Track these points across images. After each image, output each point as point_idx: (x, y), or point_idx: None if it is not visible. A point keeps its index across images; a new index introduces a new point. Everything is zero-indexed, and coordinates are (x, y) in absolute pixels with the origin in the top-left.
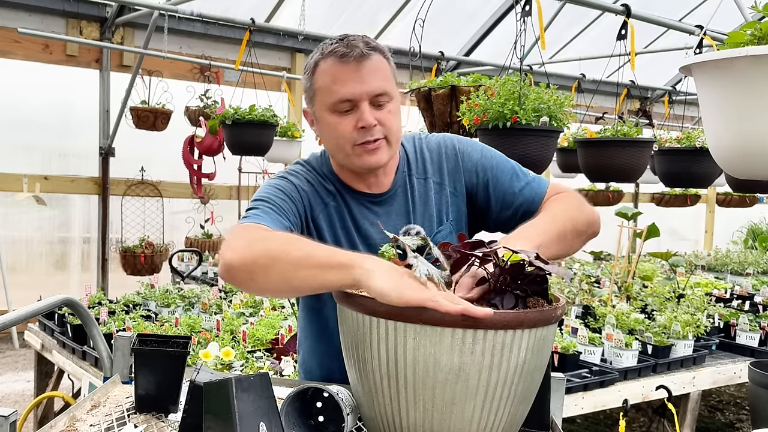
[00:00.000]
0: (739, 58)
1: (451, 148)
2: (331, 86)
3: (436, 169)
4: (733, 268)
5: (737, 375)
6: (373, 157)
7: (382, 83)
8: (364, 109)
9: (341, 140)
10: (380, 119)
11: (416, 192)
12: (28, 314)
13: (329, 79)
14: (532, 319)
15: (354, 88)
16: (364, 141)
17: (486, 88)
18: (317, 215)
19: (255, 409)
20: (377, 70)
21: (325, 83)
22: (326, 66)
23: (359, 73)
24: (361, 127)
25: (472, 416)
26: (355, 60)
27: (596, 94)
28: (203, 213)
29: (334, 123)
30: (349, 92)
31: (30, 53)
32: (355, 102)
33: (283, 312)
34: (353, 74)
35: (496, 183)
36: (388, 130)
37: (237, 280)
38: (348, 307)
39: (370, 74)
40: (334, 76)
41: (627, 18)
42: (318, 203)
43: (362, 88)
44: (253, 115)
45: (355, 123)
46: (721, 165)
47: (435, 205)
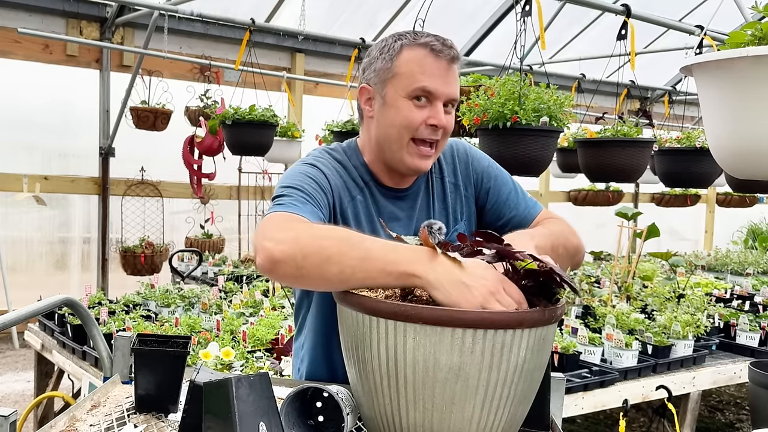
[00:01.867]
0: (739, 58)
1: (462, 152)
2: (418, 75)
3: (451, 170)
4: (733, 268)
5: (737, 375)
6: (423, 162)
7: (457, 91)
8: (439, 108)
9: (406, 128)
10: (445, 124)
11: (435, 190)
12: (28, 314)
13: (417, 68)
14: (532, 319)
15: (439, 85)
16: (424, 138)
17: (486, 88)
18: (345, 208)
19: (255, 409)
20: (457, 77)
21: (410, 70)
22: (415, 55)
23: (447, 73)
24: (431, 124)
25: (471, 416)
26: (447, 60)
27: (596, 94)
28: (203, 213)
29: (406, 109)
30: (434, 87)
31: (30, 53)
32: (433, 98)
33: (283, 312)
34: (442, 72)
35: (496, 193)
36: (444, 136)
37: (280, 275)
38: (347, 306)
39: (454, 79)
40: (423, 66)
41: (627, 18)
42: (346, 195)
43: (445, 88)
44: (253, 115)
45: (427, 117)
46: (722, 165)
47: (451, 204)
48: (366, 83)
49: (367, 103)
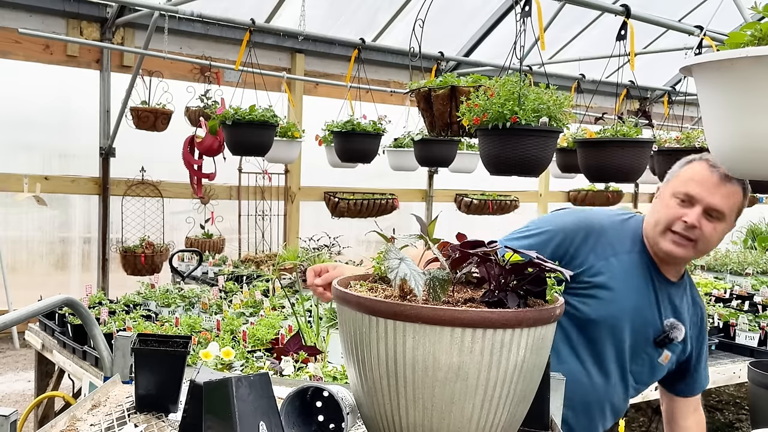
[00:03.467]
0: (739, 59)
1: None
2: (688, 181)
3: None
4: (733, 268)
5: (737, 375)
6: (677, 248)
7: (723, 204)
8: (696, 211)
9: (662, 218)
10: (703, 226)
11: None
12: (28, 314)
13: (690, 175)
14: (531, 318)
15: (701, 192)
16: (678, 231)
17: (486, 89)
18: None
19: (255, 409)
20: (728, 194)
21: (686, 177)
22: (698, 167)
23: (714, 185)
24: (683, 221)
25: (471, 415)
26: (719, 175)
27: (596, 95)
28: (203, 213)
29: (669, 204)
30: (695, 192)
31: (30, 53)
32: (694, 202)
33: (283, 312)
34: (708, 183)
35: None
36: (702, 238)
37: None
38: (347, 306)
39: (720, 192)
40: (695, 174)
41: (627, 18)
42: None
43: (706, 196)
44: (253, 115)
45: (683, 215)
46: (722, 165)
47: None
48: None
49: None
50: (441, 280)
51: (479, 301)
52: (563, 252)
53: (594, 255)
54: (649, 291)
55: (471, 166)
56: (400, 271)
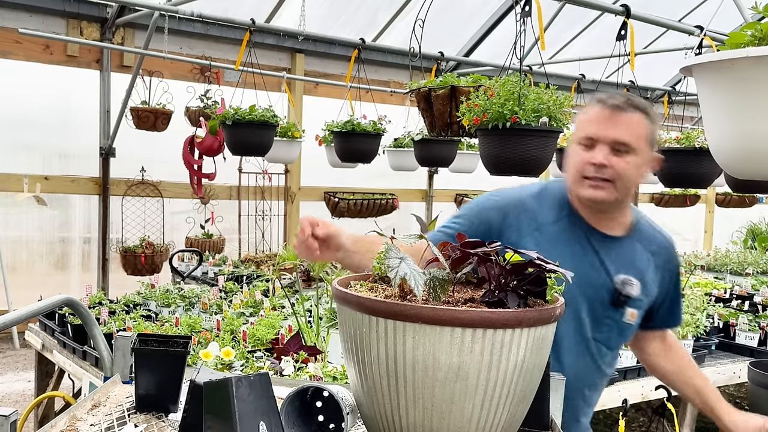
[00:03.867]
0: (739, 59)
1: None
2: (584, 124)
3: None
4: (733, 268)
5: (737, 375)
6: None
7: (626, 135)
8: (600, 150)
9: (573, 169)
10: (612, 163)
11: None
12: (28, 314)
13: (585, 118)
14: (531, 318)
15: (599, 130)
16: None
17: (486, 89)
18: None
19: (255, 409)
20: (627, 123)
21: (582, 121)
22: (590, 108)
23: (610, 120)
24: (591, 163)
25: (471, 415)
26: (610, 108)
27: None
28: (203, 213)
29: (574, 153)
30: (593, 131)
31: (31, 53)
32: (595, 141)
33: (283, 312)
34: (604, 119)
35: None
36: (615, 174)
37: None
38: (347, 306)
39: (619, 124)
40: (589, 116)
41: (627, 18)
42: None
43: (605, 132)
44: (253, 115)
45: (589, 158)
46: (722, 165)
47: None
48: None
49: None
50: (441, 280)
51: (479, 301)
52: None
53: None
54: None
55: (471, 166)
56: (400, 271)
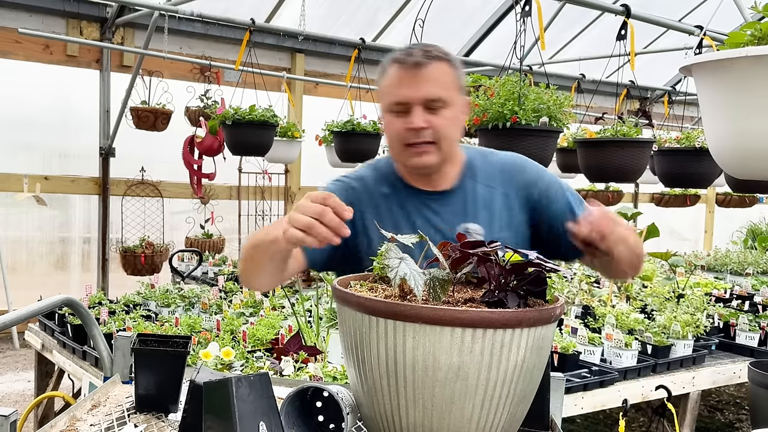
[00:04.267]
0: (739, 58)
1: (519, 164)
2: (390, 89)
3: (505, 181)
4: (733, 268)
5: (737, 375)
6: (421, 158)
7: (436, 90)
8: (414, 113)
9: (394, 139)
10: (431, 122)
11: (479, 197)
12: (28, 314)
13: (389, 83)
14: (531, 318)
15: (407, 92)
16: (412, 143)
17: (486, 89)
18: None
19: (255, 409)
20: (434, 77)
21: (385, 86)
22: (390, 70)
23: (415, 78)
24: (410, 129)
25: (471, 415)
26: (412, 66)
27: (596, 95)
28: (203, 213)
29: (389, 123)
30: (402, 95)
31: (30, 53)
32: (407, 105)
33: (283, 312)
34: (409, 79)
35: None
36: (437, 134)
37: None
38: (347, 306)
39: (426, 80)
40: (392, 79)
41: (627, 18)
42: (368, 201)
43: (414, 93)
44: (253, 115)
45: (406, 124)
46: (721, 165)
47: (498, 213)
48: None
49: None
50: (441, 280)
51: (479, 301)
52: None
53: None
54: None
55: None
56: (400, 271)
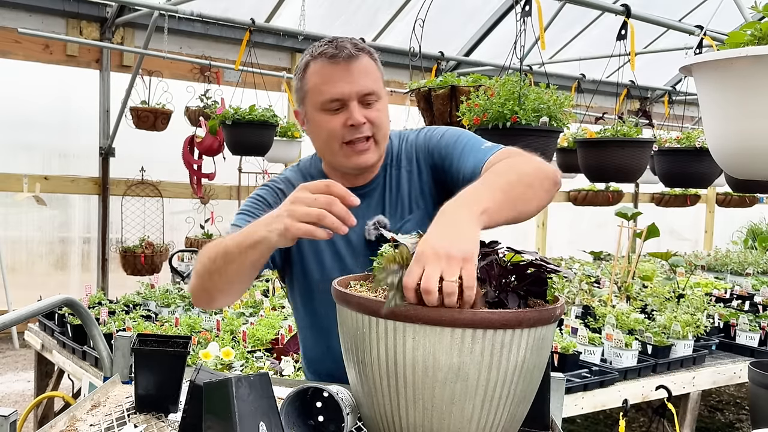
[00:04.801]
0: (739, 58)
1: (420, 135)
2: (321, 86)
3: (407, 159)
4: (733, 268)
5: (737, 375)
6: (362, 157)
7: (370, 83)
8: (353, 108)
9: (330, 138)
10: (369, 117)
11: (393, 182)
12: (28, 314)
13: (319, 80)
14: (531, 319)
15: (344, 88)
16: (353, 139)
17: (486, 88)
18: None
19: (255, 409)
20: (366, 70)
21: (315, 84)
22: (317, 67)
23: (348, 73)
24: (351, 125)
25: (471, 416)
26: (345, 60)
27: (596, 94)
28: (203, 213)
29: (324, 121)
30: (339, 91)
31: (30, 53)
32: (344, 101)
33: (283, 312)
34: (343, 74)
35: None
36: (376, 128)
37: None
38: (347, 306)
39: (360, 74)
40: (324, 76)
41: (627, 18)
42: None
43: (351, 87)
44: (253, 115)
45: (345, 121)
46: (721, 165)
47: (407, 193)
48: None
49: (302, 125)
50: None
51: (479, 302)
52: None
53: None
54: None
55: None
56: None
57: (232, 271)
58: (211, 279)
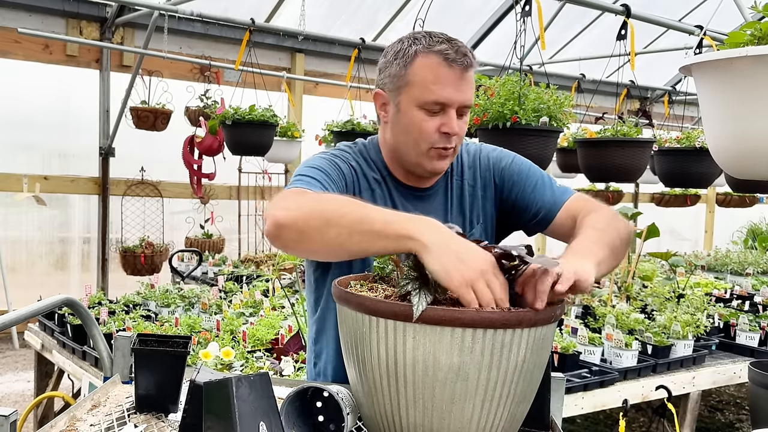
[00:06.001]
0: (738, 58)
1: (485, 154)
2: (431, 85)
3: (471, 174)
4: (733, 268)
5: (737, 375)
6: (441, 163)
7: (472, 96)
8: (452, 117)
9: (421, 138)
10: (460, 128)
11: (454, 192)
12: (28, 314)
13: (431, 77)
14: (531, 319)
15: (452, 95)
16: (441, 146)
17: (486, 88)
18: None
19: (255, 409)
20: (472, 82)
21: (424, 79)
22: (430, 62)
23: (461, 81)
24: (445, 133)
25: (471, 415)
26: (462, 68)
27: (596, 94)
28: (203, 213)
29: (420, 120)
30: (447, 96)
31: (30, 53)
32: (446, 107)
33: (283, 312)
34: (456, 81)
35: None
36: (459, 140)
37: (284, 240)
38: (347, 306)
39: (468, 85)
40: (437, 76)
41: (627, 18)
42: (365, 187)
43: (459, 97)
44: (253, 115)
45: (440, 126)
46: (721, 165)
47: (468, 206)
48: (381, 88)
49: (382, 108)
50: None
51: None
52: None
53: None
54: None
55: None
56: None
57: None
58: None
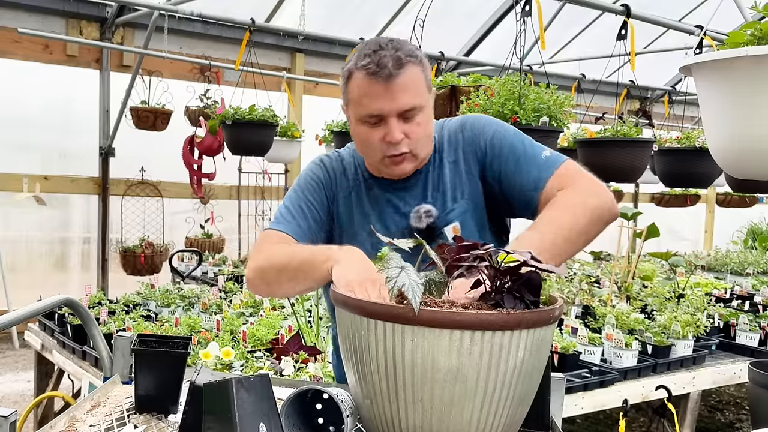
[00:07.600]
0: (739, 58)
1: (468, 126)
2: (361, 100)
3: (452, 150)
4: (733, 268)
5: (737, 375)
6: (398, 168)
7: (410, 99)
8: (392, 125)
9: (369, 150)
10: (407, 132)
11: (435, 173)
12: (28, 314)
13: (360, 93)
14: (530, 320)
15: (383, 105)
16: (390, 154)
17: (486, 88)
18: (339, 202)
19: (255, 410)
20: (406, 86)
21: (356, 96)
22: (358, 79)
23: (389, 91)
24: (387, 142)
25: (470, 417)
26: (384, 79)
27: (596, 94)
28: (203, 213)
29: (363, 133)
30: (378, 108)
31: (30, 53)
32: (383, 117)
33: (283, 312)
34: (382, 92)
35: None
36: (414, 143)
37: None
38: (346, 309)
39: (399, 92)
40: (365, 91)
41: (627, 18)
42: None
43: (392, 105)
44: (253, 115)
45: (383, 136)
46: (721, 165)
47: (449, 183)
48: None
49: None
50: (437, 282)
51: (478, 303)
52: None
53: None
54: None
55: None
56: (399, 281)
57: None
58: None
